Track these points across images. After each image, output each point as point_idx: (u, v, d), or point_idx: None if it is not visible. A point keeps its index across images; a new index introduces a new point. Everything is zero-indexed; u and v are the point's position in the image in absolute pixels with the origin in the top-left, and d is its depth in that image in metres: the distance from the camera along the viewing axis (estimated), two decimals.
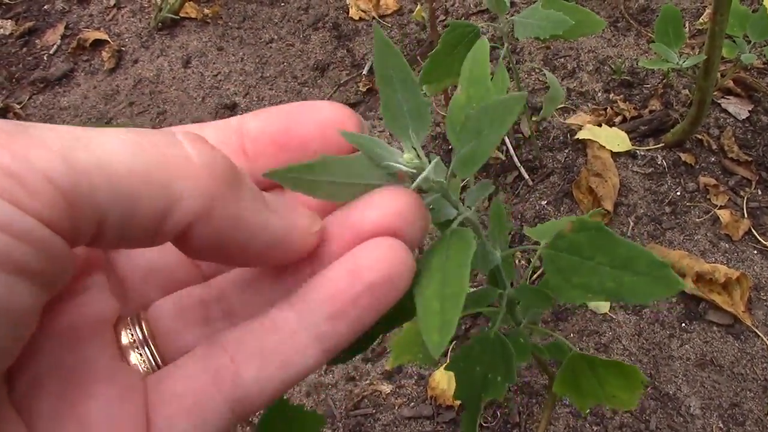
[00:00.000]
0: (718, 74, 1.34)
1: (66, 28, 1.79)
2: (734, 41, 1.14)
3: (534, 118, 1.34)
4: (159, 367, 0.30)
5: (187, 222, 0.25)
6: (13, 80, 1.70)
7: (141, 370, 0.30)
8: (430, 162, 0.33)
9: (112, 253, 0.32)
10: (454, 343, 1.18)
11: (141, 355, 0.30)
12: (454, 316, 0.30)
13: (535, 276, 1.17)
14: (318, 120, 0.31)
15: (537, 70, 1.47)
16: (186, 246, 0.27)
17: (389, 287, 0.29)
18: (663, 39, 1.09)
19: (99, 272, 0.31)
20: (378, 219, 0.30)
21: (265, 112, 0.32)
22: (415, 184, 0.32)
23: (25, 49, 1.77)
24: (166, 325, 0.31)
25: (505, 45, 1.02)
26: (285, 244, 0.29)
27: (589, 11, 0.98)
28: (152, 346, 0.31)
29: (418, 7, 1.60)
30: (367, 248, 0.29)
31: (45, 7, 1.85)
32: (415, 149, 0.33)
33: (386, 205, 0.30)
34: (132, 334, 0.31)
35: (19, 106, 1.64)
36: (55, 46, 1.75)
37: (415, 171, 0.33)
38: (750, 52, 1.12)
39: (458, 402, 1.11)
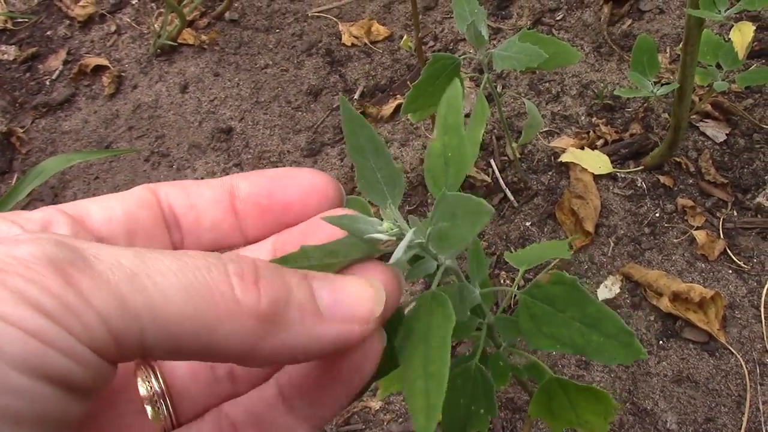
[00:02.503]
0: (697, 98, 1.39)
1: (68, 53, 1.84)
2: (707, 69, 1.18)
3: (514, 144, 1.39)
4: (173, 423, 0.33)
5: (228, 360, 0.28)
6: (17, 105, 1.76)
7: (156, 424, 0.33)
8: (409, 225, 0.35)
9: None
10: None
11: (158, 408, 0.33)
12: (438, 399, 0.31)
13: (512, 303, 1.21)
14: (300, 186, 0.34)
15: (522, 95, 1.52)
16: None
17: (359, 375, 0.33)
18: (638, 68, 1.14)
19: (133, 390, 0.34)
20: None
21: (253, 175, 0.35)
22: (393, 258, 0.33)
23: (28, 74, 1.82)
24: (181, 380, 0.34)
25: (485, 75, 1.07)
26: (341, 346, 0.30)
27: (565, 44, 1.03)
28: (169, 402, 0.33)
29: (405, 36, 1.65)
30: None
31: (48, 33, 1.90)
32: (392, 215, 0.35)
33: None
34: (150, 387, 0.33)
35: (22, 131, 1.69)
36: (57, 72, 1.80)
37: (395, 238, 0.34)
38: (722, 79, 1.17)
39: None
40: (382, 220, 0.35)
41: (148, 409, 0.33)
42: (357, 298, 0.30)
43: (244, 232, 0.35)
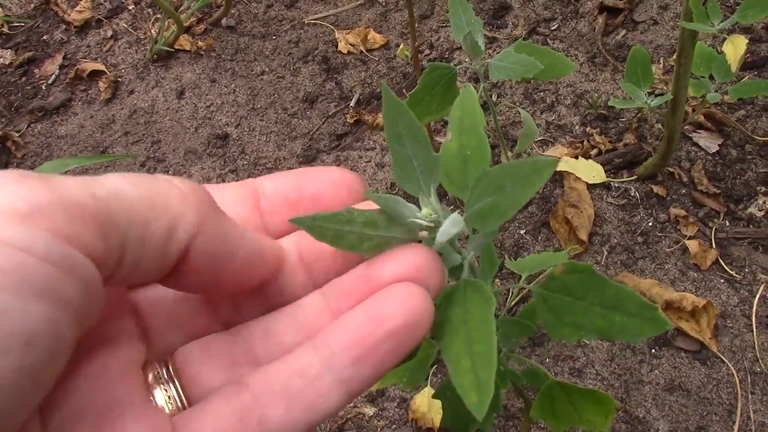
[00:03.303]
0: (690, 109, 1.41)
1: (64, 58, 1.84)
2: (700, 80, 1.19)
3: (509, 153, 1.39)
4: (185, 407, 0.32)
5: (188, 238, 0.29)
6: (12, 109, 1.76)
7: (167, 409, 0.31)
8: (445, 215, 0.35)
9: (136, 300, 0.34)
10: (435, 367, 1.23)
11: (167, 391, 0.32)
12: (488, 375, 0.30)
13: (513, 305, 1.22)
14: (329, 180, 0.34)
15: (517, 104, 1.53)
16: (184, 273, 0.30)
17: (410, 333, 0.30)
18: (632, 79, 1.15)
19: (127, 318, 0.33)
20: (398, 272, 0.32)
21: (280, 175, 0.35)
22: (437, 241, 0.33)
23: (24, 79, 1.82)
24: (192, 367, 0.33)
25: (481, 84, 1.08)
26: (262, 257, 0.32)
27: (560, 55, 1.04)
28: (178, 385, 0.32)
29: (402, 45, 1.66)
30: (388, 294, 0.31)
31: (44, 37, 1.90)
32: (430, 203, 0.35)
33: (406, 260, 0.32)
34: (158, 374, 0.32)
35: (17, 135, 1.69)
36: (53, 76, 1.81)
37: (432, 225, 0.34)
38: (715, 91, 1.18)
39: (438, 425, 1.15)
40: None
41: (157, 393, 0.32)
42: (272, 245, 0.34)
43: (269, 231, 0.35)
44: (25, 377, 0.23)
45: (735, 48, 1.02)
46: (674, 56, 1.55)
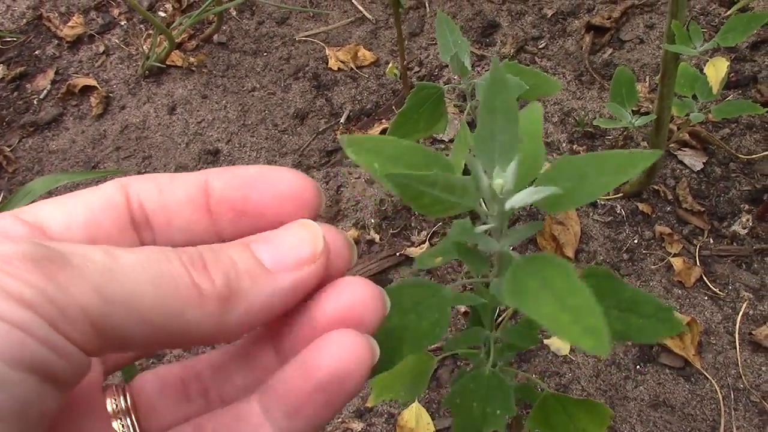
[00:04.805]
0: (675, 127, 1.43)
1: (56, 73, 1.85)
2: (684, 100, 1.21)
3: None
4: None
5: (207, 339, 0.29)
6: (4, 124, 1.77)
7: None
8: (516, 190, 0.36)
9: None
10: (433, 383, 1.24)
11: (123, 426, 0.33)
12: (596, 320, 0.30)
13: (503, 318, 1.23)
14: (275, 191, 0.33)
15: None
16: None
17: (341, 386, 0.30)
18: (617, 99, 1.16)
19: (99, 395, 0.34)
20: (337, 311, 0.32)
21: (228, 173, 0.34)
22: (507, 208, 0.35)
23: (16, 94, 1.83)
24: (148, 398, 0.35)
25: (468, 103, 1.09)
26: (300, 289, 0.32)
27: (546, 75, 1.05)
28: (134, 418, 0.34)
29: (391, 63, 1.68)
30: (322, 344, 0.31)
31: (36, 52, 1.91)
32: (501, 177, 0.36)
33: (342, 297, 0.32)
34: (116, 404, 0.34)
35: (9, 149, 1.70)
36: (45, 91, 1.82)
37: (503, 197, 0.36)
38: (699, 110, 1.20)
39: None
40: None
41: (114, 425, 0.33)
42: (296, 244, 0.32)
43: (219, 234, 0.34)
44: None
45: (716, 70, 1.04)
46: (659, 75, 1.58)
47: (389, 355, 0.38)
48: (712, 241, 1.32)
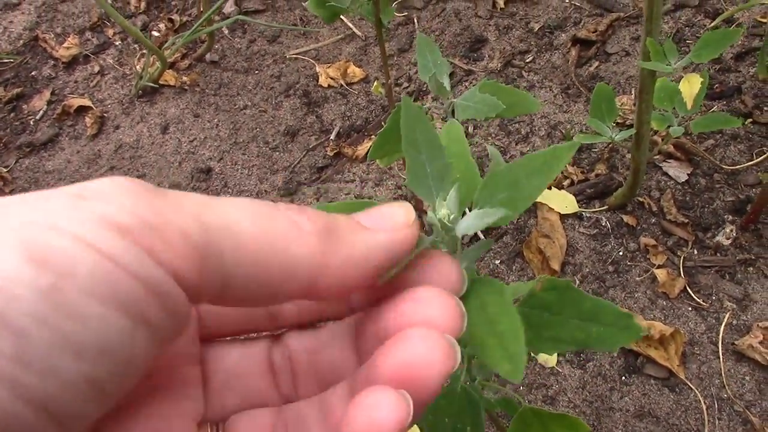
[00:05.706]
0: (659, 139, 1.44)
1: (52, 94, 1.88)
2: (664, 114, 1.23)
3: None
4: None
5: (297, 288, 0.29)
6: (1, 144, 1.79)
7: None
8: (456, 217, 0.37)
9: (204, 351, 0.35)
10: None
11: None
12: (517, 347, 0.32)
13: None
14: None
15: (492, 135, 1.57)
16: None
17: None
18: (597, 114, 1.18)
19: (195, 368, 0.34)
20: (398, 366, 0.30)
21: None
22: (458, 233, 0.36)
23: (12, 114, 1.86)
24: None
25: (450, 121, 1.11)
26: (397, 249, 0.32)
27: (525, 93, 1.07)
28: None
29: (376, 82, 1.70)
30: (375, 396, 0.29)
31: (32, 73, 1.94)
32: (447, 205, 0.37)
33: (406, 352, 0.30)
34: None
35: (6, 170, 1.72)
36: (41, 112, 1.84)
37: (452, 225, 0.36)
38: (679, 124, 1.22)
39: None
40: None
41: None
42: (392, 212, 0.32)
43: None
44: (93, 386, 0.23)
45: (690, 86, 1.06)
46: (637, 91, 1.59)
47: None
48: (696, 252, 1.34)
